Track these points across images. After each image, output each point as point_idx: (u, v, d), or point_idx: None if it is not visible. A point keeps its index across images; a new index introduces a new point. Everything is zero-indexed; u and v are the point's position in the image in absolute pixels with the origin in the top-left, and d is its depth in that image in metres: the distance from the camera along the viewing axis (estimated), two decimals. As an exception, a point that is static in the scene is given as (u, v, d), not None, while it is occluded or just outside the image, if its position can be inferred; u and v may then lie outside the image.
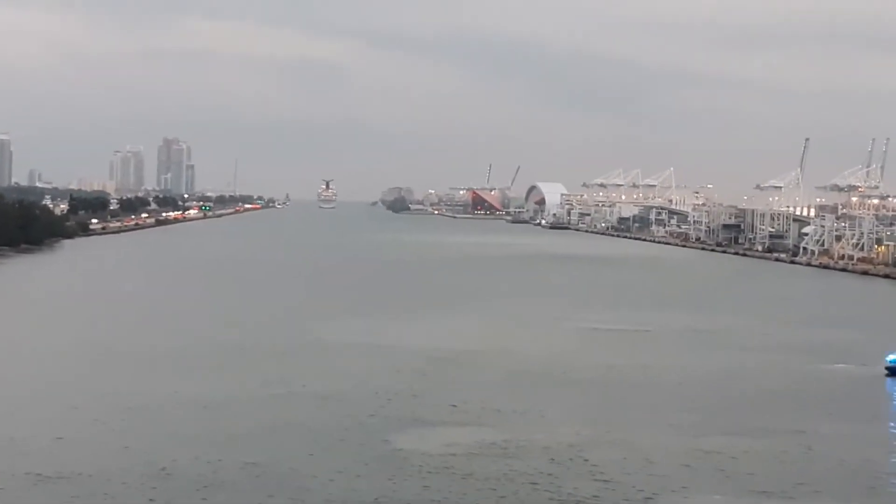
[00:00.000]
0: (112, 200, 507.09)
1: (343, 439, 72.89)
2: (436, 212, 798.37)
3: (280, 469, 65.18)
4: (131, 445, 70.05)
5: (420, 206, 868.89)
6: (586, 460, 68.94)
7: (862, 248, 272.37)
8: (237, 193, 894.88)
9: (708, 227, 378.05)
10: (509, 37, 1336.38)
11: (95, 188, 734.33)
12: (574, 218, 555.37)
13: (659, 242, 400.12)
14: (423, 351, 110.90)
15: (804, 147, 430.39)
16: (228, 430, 75.07)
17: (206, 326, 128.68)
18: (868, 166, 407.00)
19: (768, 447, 73.78)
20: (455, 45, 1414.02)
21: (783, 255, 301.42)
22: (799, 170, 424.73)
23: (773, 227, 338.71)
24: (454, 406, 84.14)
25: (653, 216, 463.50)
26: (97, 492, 60.66)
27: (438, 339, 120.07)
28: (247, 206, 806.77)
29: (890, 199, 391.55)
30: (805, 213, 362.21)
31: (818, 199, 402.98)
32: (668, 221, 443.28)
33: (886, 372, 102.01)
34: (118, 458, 66.86)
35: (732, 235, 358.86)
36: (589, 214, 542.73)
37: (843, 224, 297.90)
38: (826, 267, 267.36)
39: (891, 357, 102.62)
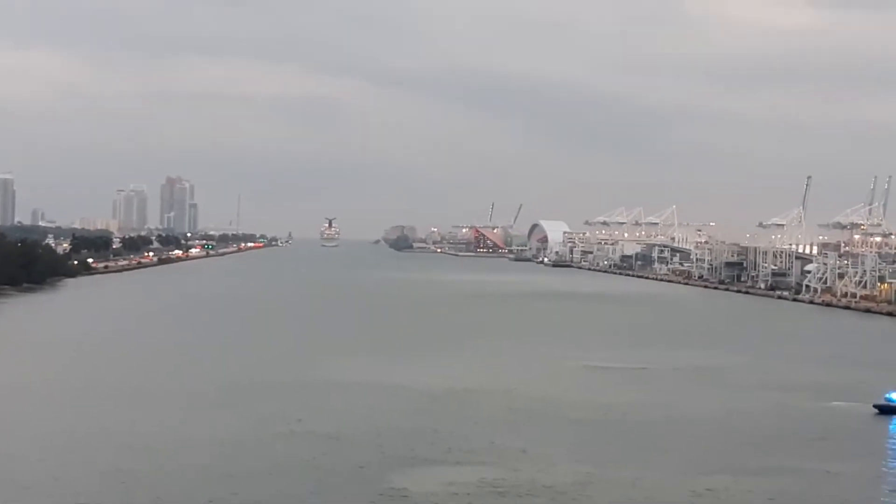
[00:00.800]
0: (115, 239, 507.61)
1: (343, 479, 72.77)
2: (438, 250, 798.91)
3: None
4: (129, 483, 70.04)
5: (423, 245, 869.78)
6: (588, 499, 68.83)
7: (865, 286, 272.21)
8: (240, 232, 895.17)
9: (710, 264, 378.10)
10: (511, 75, 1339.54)
11: (98, 227, 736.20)
12: (577, 256, 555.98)
13: (661, 280, 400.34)
14: (423, 389, 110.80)
15: (806, 184, 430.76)
16: (227, 469, 74.98)
17: (206, 365, 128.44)
18: (870, 204, 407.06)
19: (768, 486, 73.65)
20: (457, 83, 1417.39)
21: (786, 293, 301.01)
22: (801, 207, 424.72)
23: (775, 265, 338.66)
24: (455, 445, 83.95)
25: (655, 254, 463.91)
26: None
27: (439, 377, 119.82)
28: (249, 244, 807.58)
29: (893, 236, 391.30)
30: (808, 251, 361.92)
31: (821, 237, 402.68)
32: (671, 259, 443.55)
33: (876, 410, 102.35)
34: (116, 496, 66.81)
35: (735, 273, 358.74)
36: (591, 252, 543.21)
37: (845, 262, 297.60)
38: (829, 305, 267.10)
39: (888, 395, 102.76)
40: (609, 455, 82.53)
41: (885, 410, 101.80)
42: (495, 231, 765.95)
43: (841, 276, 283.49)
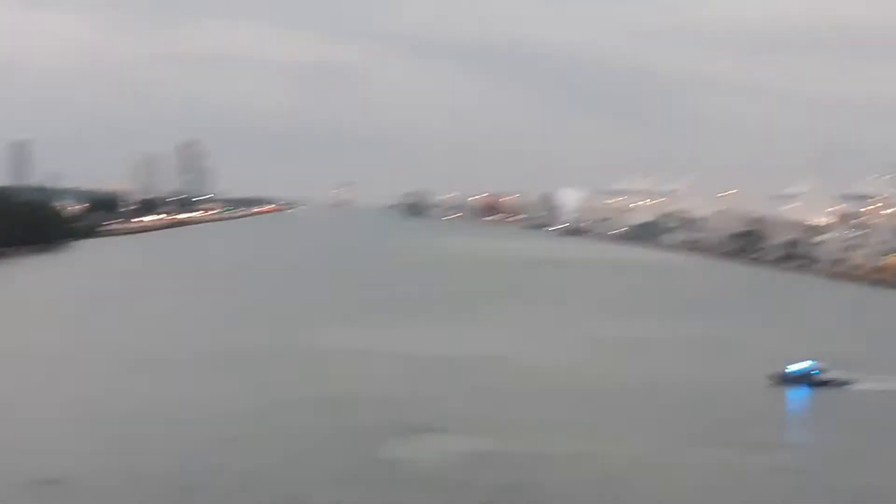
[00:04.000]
0: (129, 201, 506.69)
1: (338, 446, 72.67)
2: (453, 216, 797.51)
3: (273, 476, 64.98)
4: (127, 449, 70.10)
5: (438, 210, 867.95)
6: (581, 471, 68.39)
7: (877, 258, 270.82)
8: (254, 196, 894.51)
9: (722, 235, 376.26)
10: (529, 43, 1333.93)
11: (114, 189, 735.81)
12: (590, 223, 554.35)
13: (673, 250, 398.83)
14: (420, 357, 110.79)
15: (821, 156, 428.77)
16: (223, 435, 75.02)
17: (208, 331, 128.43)
18: (884, 175, 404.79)
19: (766, 462, 73.33)
20: (474, 50, 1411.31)
21: (796, 265, 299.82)
22: (815, 178, 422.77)
23: (787, 236, 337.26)
24: (449, 414, 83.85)
25: (668, 223, 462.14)
26: (86, 496, 60.66)
27: (438, 345, 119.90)
28: (264, 208, 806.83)
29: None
30: (820, 223, 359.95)
31: (834, 209, 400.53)
32: (683, 229, 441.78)
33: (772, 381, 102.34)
34: (111, 463, 66.88)
35: (747, 244, 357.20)
36: (605, 220, 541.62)
37: (858, 234, 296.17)
38: (840, 277, 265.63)
39: (796, 367, 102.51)
40: (603, 426, 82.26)
41: (781, 381, 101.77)
42: (509, 198, 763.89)
43: (853, 248, 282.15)
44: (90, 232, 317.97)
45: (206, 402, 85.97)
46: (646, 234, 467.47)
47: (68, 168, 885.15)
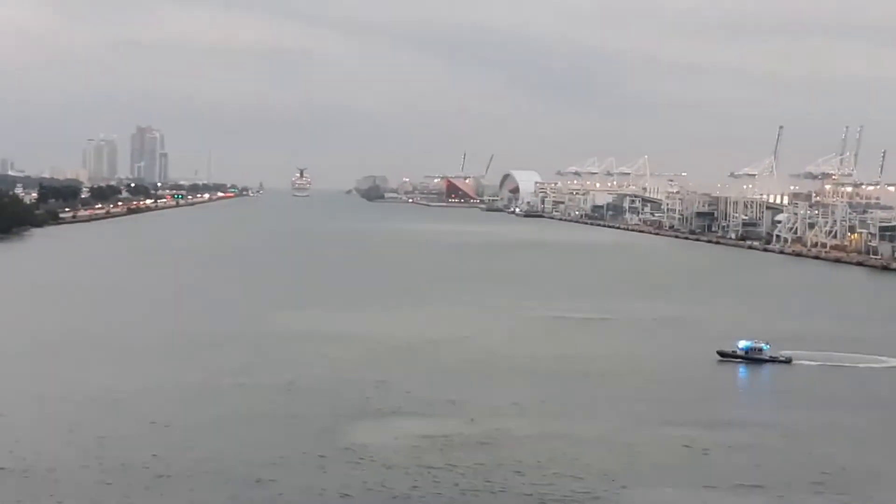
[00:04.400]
0: (84, 189, 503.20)
1: (295, 431, 72.04)
2: (410, 200, 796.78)
3: (239, 459, 64.49)
4: (90, 434, 69.44)
5: (394, 195, 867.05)
6: (544, 451, 68.10)
7: (835, 236, 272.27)
8: (210, 182, 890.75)
9: (681, 214, 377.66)
10: (484, 25, 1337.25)
11: (68, 177, 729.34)
12: (548, 206, 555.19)
13: (632, 230, 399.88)
14: (380, 340, 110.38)
15: (778, 135, 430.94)
16: (189, 419, 74.60)
17: (165, 316, 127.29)
18: (842, 154, 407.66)
19: (724, 439, 73.42)
20: (429, 33, 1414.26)
21: (756, 243, 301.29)
22: (773, 158, 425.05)
23: (746, 215, 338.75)
24: (408, 397, 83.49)
25: (626, 204, 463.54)
26: (49, 483, 59.85)
27: (399, 328, 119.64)
28: (220, 194, 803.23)
29: (863, 186, 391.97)
30: (779, 201, 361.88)
31: (792, 187, 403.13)
32: (642, 209, 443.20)
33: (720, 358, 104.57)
34: (72, 451, 66.03)
35: (706, 223, 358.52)
36: (563, 202, 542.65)
37: (816, 212, 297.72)
38: (799, 255, 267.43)
39: (741, 344, 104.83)
40: (561, 408, 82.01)
41: (727, 356, 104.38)
42: (467, 181, 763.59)
43: (811, 226, 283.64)
44: (48, 219, 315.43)
45: (167, 388, 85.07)
46: (606, 215, 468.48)
47: (20, 155, 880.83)
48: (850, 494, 62.49)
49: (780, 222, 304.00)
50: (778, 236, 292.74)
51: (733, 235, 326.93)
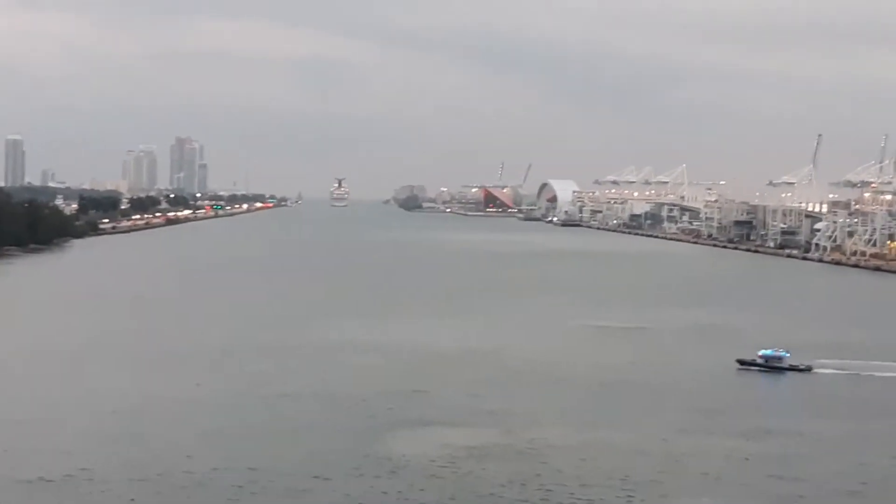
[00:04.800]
0: (124, 200, 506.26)
1: (331, 442, 72.27)
2: (448, 210, 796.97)
3: (275, 470, 64.73)
4: (128, 446, 69.78)
5: (432, 204, 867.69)
6: (577, 463, 68.02)
7: (875, 244, 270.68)
8: (249, 192, 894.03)
9: (720, 223, 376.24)
10: (523, 36, 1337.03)
11: (108, 188, 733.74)
12: (586, 215, 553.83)
13: (670, 239, 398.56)
14: (424, 349, 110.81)
15: (817, 143, 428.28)
16: (220, 433, 74.71)
17: (203, 327, 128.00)
18: (881, 162, 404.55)
19: (761, 448, 73.29)
20: (468, 44, 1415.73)
21: (795, 252, 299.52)
22: (812, 166, 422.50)
23: (785, 224, 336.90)
24: (446, 407, 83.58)
25: (664, 213, 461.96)
26: (91, 493, 60.48)
27: (437, 338, 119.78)
28: (258, 205, 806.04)
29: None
30: (818, 210, 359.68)
31: (831, 196, 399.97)
32: (680, 218, 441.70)
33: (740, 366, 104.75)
34: (114, 460, 66.46)
35: (744, 232, 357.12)
36: (601, 211, 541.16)
37: (855, 220, 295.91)
38: (838, 263, 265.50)
39: (761, 352, 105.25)
40: (599, 418, 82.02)
41: (747, 364, 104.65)
42: (505, 191, 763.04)
43: (851, 235, 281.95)
44: (88, 231, 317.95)
45: (207, 398, 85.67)
46: (644, 223, 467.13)
47: (62, 167, 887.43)
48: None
49: (819, 231, 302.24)
50: (817, 245, 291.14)
51: (772, 244, 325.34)
